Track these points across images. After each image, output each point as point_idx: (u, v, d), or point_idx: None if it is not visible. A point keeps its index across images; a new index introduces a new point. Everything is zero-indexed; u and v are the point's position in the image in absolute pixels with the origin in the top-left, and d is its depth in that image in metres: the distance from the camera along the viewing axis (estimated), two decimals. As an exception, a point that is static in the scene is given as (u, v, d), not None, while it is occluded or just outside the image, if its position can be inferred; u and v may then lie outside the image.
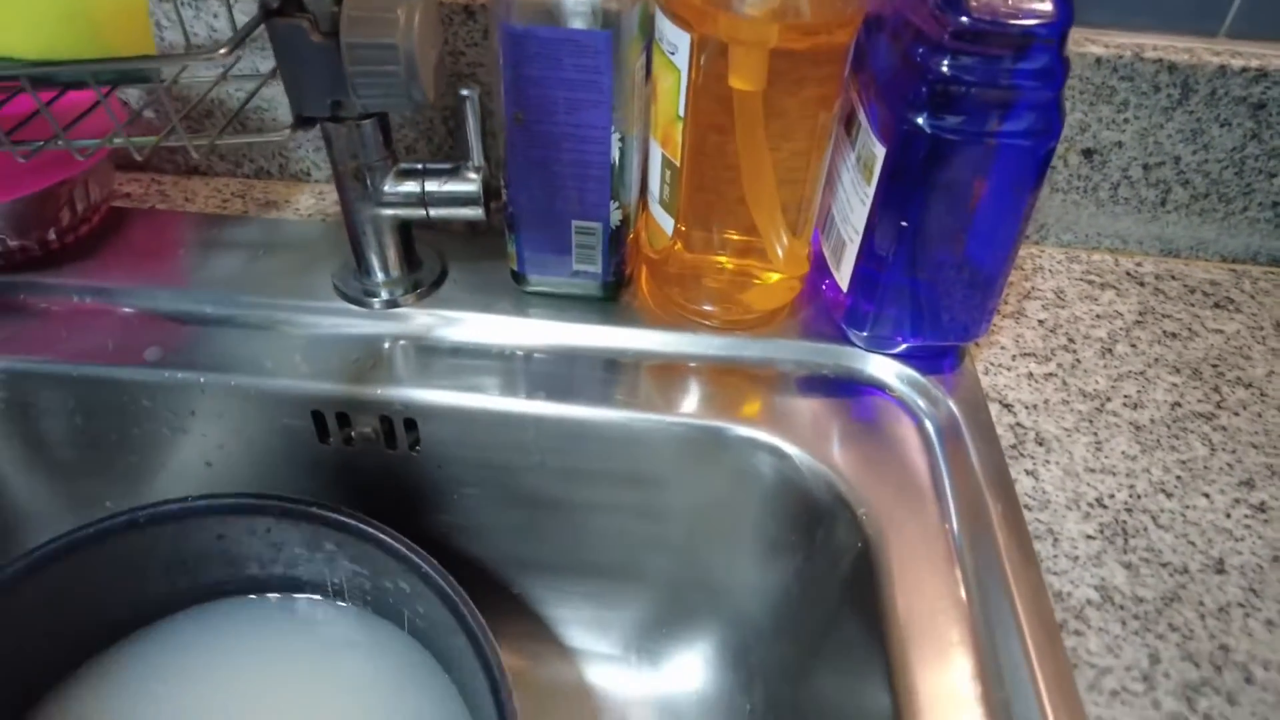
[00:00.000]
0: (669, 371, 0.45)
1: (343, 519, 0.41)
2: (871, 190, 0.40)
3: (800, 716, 0.44)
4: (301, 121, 0.41)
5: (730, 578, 0.48)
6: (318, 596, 0.46)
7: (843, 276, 0.44)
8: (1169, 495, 0.40)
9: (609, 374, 0.45)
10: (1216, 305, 0.51)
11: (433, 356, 0.46)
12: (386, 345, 0.46)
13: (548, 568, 0.51)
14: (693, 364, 0.46)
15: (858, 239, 0.42)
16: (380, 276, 0.47)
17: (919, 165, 0.37)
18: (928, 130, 0.37)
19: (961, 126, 0.36)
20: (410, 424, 0.45)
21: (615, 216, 0.43)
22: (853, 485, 0.40)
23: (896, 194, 0.39)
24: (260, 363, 0.45)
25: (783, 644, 0.46)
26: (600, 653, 0.53)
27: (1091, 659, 0.34)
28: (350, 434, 0.46)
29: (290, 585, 0.46)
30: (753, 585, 0.47)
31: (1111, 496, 0.40)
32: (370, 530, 0.41)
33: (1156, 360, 0.47)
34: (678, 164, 0.41)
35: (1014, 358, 0.47)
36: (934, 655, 0.35)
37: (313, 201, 0.55)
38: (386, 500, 0.48)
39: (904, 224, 0.39)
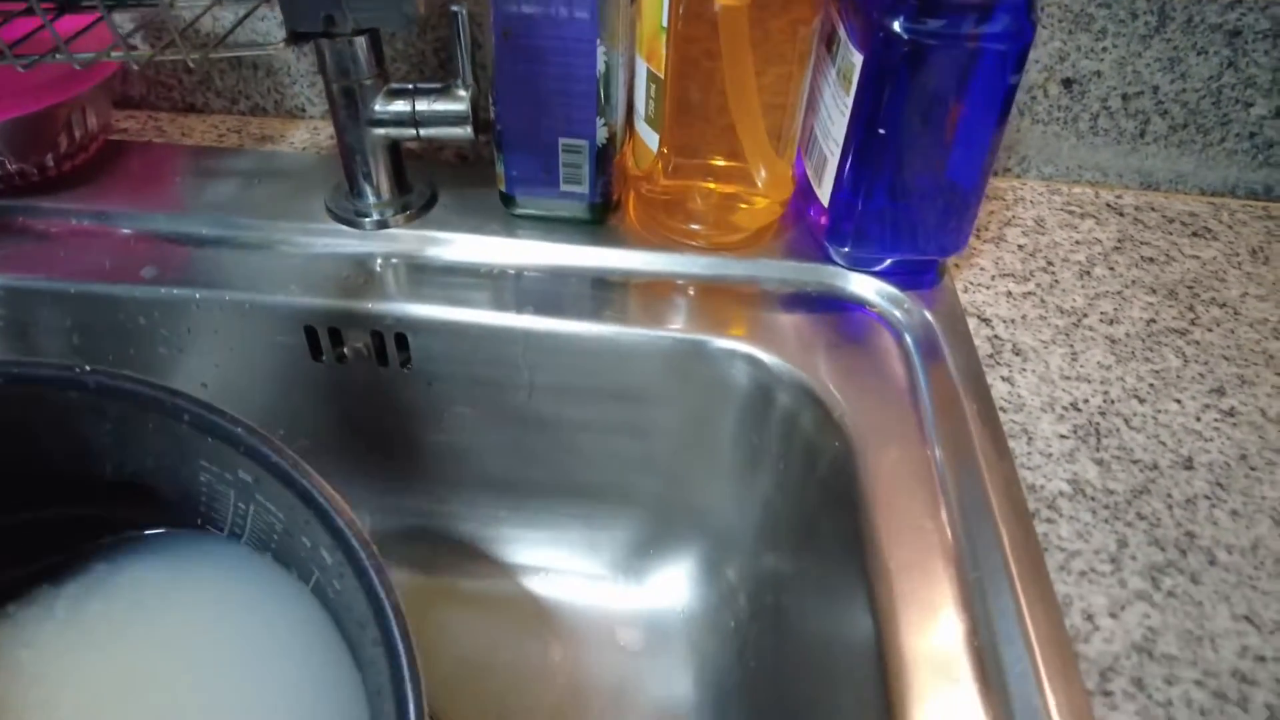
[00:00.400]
0: (655, 289, 0.46)
1: (269, 455, 0.31)
2: (850, 100, 0.41)
3: (783, 626, 0.45)
4: (295, 37, 0.42)
5: (713, 494, 0.49)
6: (209, 529, 0.38)
7: (824, 193, 0.45)
8: (1142, 400, 0.41)
9: (597, 291, 0.46)
10: (1194, 234, 0.52)
11: (423, 274, 0.47)
12: (378, 263, 0.47)
13: (537, 488, 0.52)
14: (678, 282, 0.47)
15: (838, 152, 0.43)
16: (371, 198, 0.48)
17: (895, 70, 0.38)
18: (904, 35, 0.37)
19: (936, 30, 0.37)
20: (401, 341, 0.46)
21: (601, 134, 0.44)
22: (831, 390, 0.41)
23: (874, 100, 0.40)
24: (254, 280, 0.46)
25: (764, 557, 0.47)
26: (588, 573, 0.54)
27: (1062, 543, 0.35)
28: (342, 351, 0.47)
29: (181, 509, 0.37)
30: (735, 501, 0.48)
31: (1086, 401, 0.41)
32: (302, 482, 0.31)
33: (1134, 282, 0.48)
34: (662, 77, 0.42)
35: (993, 278, 0.48)
36: (910, 542, 0.36)
37: (307, 136, 0.56)
38: (378, 419, 0.49)
39: (882, 131, 0.40)
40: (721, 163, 0.45)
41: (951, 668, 0.32)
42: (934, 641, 0.33)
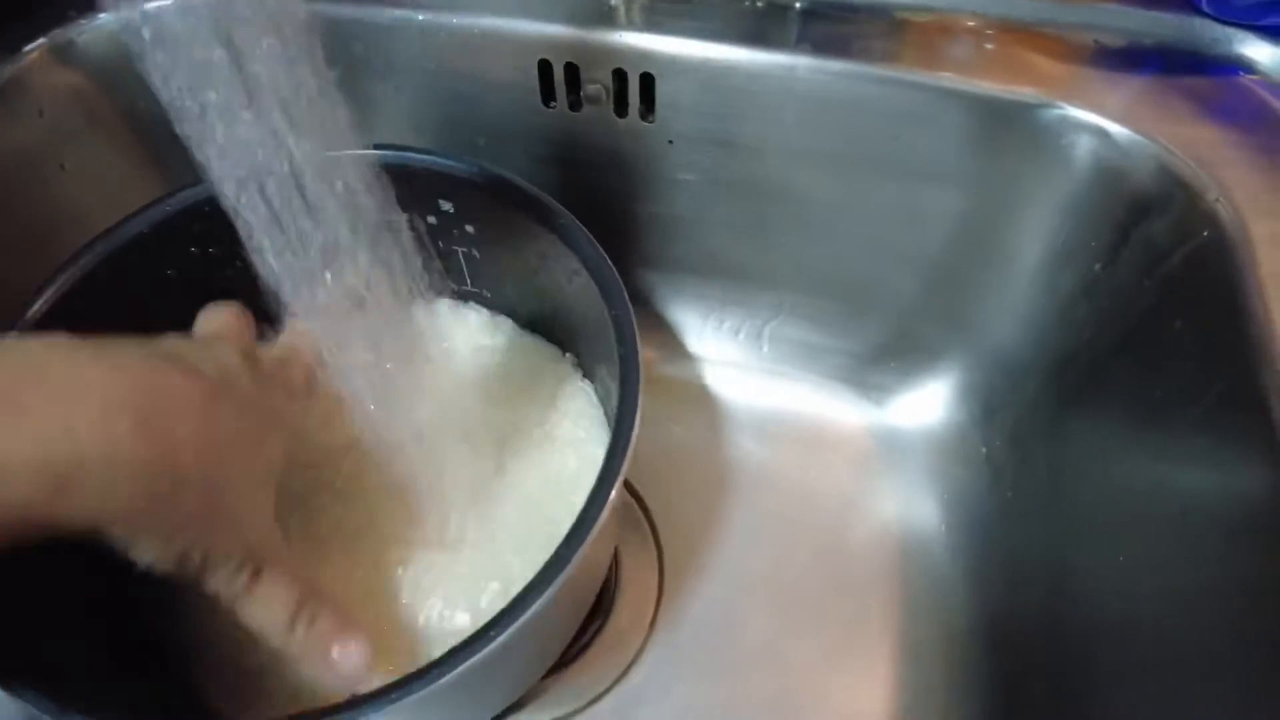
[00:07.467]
0: (960, 32, 0.37)
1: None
2: None
3: (1054, 467, 0.38)
4: None
5: (989, 302, 0.42)
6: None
7: (1218, -90, 0.34)
8: None
9: (888, 33, 0.38)
10: None
11: (675, 5, 0.39)
12: (624, -9, 0.40)
13: (765, 277, 0.46)
14: (993, 29, 0.37)
15: None
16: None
17: None
18: None
19: None
20: (646, 85, 0.39)
21: None
22: (1200, 167, 0.32)
23: None
24: (484, 2, 0.40)
25: (1043, 380, 0.40)
26: (811, 379, 0.49)
27: None
28: (579, 95, 0.41)
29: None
30: (1019, 311, 0.41)
31: None
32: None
33: None
34: None
35: None
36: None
37: None
38: (604, 180, 0.44)
39: None
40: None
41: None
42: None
